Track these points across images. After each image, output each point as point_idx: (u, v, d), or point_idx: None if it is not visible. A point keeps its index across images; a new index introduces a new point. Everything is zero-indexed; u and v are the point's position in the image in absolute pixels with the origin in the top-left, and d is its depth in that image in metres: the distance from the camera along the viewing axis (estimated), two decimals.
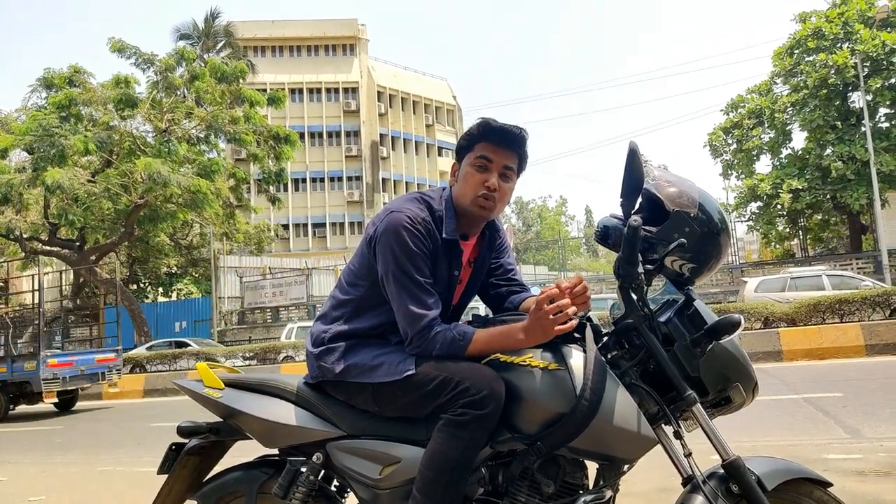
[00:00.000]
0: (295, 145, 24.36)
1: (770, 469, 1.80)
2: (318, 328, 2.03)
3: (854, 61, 24.11)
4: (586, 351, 1.80)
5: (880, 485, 3.61)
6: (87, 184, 19.50)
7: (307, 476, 1.95)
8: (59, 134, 18.73)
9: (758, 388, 1.93)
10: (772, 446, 4.72)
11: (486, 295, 2.22)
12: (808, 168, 25.88)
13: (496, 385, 1.75)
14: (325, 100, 49.02)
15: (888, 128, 25.69)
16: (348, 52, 50.48)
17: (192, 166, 21.16)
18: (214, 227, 25.44)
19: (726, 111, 29.81)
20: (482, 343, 1.84)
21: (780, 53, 27.56)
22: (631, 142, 1.83)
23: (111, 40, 21.24)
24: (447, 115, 55.26)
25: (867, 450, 4.44)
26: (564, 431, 1.72)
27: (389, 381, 1.85)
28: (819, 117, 25.34)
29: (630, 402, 1.78)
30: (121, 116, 20.73)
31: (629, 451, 1.79)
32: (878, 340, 10.05)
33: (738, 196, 28.46)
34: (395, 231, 1.87)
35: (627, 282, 1.82)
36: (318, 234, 47.99)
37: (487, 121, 1.96)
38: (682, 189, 1.89)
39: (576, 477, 1.83)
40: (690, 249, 1.82)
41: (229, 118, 21.46)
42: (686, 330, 1.85)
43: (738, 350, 1.89)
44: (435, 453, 1.76)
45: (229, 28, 39.74)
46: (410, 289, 1.85)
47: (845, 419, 5.51)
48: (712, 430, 1.77)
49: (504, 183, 1.95)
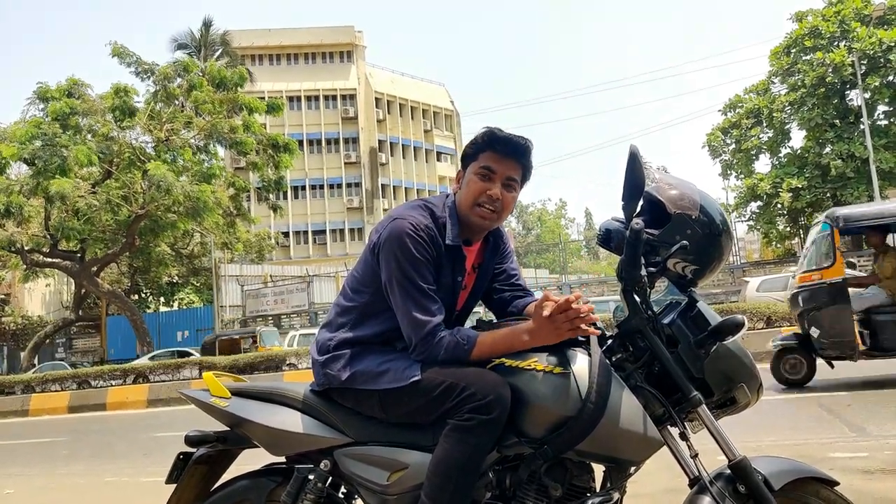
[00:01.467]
0: (294, 153, 24.39)
1: (776, 469, 1.80)
2: (324, 336, 2.04)
3: (851, 59, 24.16)
4: (591, 354, 1.81)
5: (887, 482, 3.61)
6: (88, 195, 19.53)
7: (315, 483, 1.96)
8: (60, 144, 18.75)
9: (762, 388, 1.93)
10: (777, 446, 4.72)
11: (489, 300, 2.23)
12: (807, 167, 25.90)
13: (502, 390, 1.76)
14: (323, 107, 49.12)
15: (887, 125, 25.73)
16: (345, 59, 50.61)
17: (191, 175, 21.19)
18: (215, 236, 25.48)
19: (724, 111, 29.85)
20: (486, 346, 1.85)
21: (777, 53, 27.60)
22: (631, 145, 1.84)
23: (112, 44, 21.26)
24: (445, 121, 55.36)
25: (873, 448, 4.44)
26: (571, 434, 1.73)
27: (396, 388, 1.86)
28: (817, 116, 25.37)
29: (635, 404, 1.78)
30: (120, 127, 20.76)
31: (635, 452, 1.80)
32: None
33: (738, 196, 28.47)
34: (398, 238, 1.88)
35: (630, 284, 1.83)
36: (319, 241, 48.03)
37: (493, 130, 1.96)
38: (683, 191, 1.90)
39: (583, 480, 1.84)
40: (692, 251, 1.83)
41: (228, 127, 21.48)
42: (690, 331, 1.86)
43: (742, 351, 1.90)
44: (442, 459, 1.76)
45: (226, 37, 39.80)
46: (414, 295, 1.86)
47: (850, 417, 5.51)
48: (718, 431, 1.78)
49: (507, 193, 1.95)
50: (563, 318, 1.77)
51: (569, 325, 1.78)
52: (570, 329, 1.79)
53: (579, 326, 1.79)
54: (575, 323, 1.78)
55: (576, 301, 1.79)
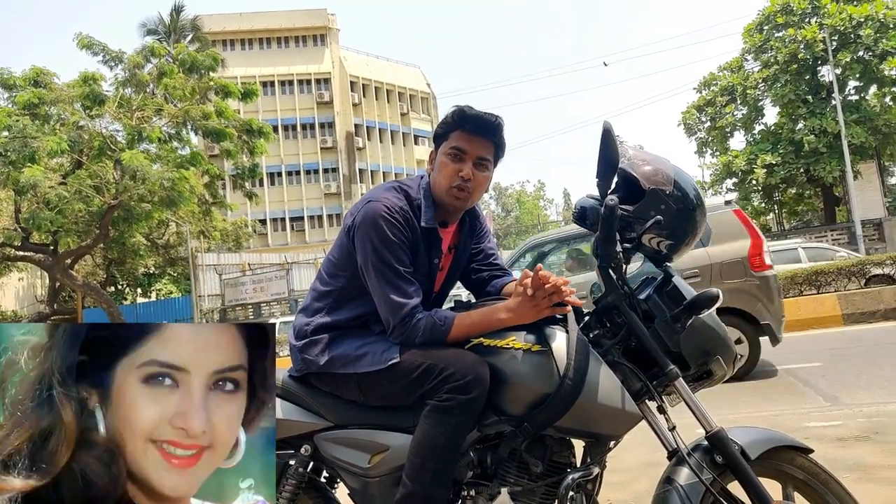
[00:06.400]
0: (269, 137, 24.07)
1: (752, 438, 1.83)
2: (301, 321, 2.03)
3: (822, 35, 24.37)
4: (568, 331, 1.82)
5: (860, 449, 3.69)
6: (59, 186, 19.16)
7: (296, 469, 1.96)
8: (30, 135, 18.34)
9: (738, 361, 1.96)
10: (754, 417, 4.81)
11: (467, 280, 2.23)
12: (781, 143, 26.18)
13: (480, 369, 1.76)
14: (297, 92, 48.53)
15: (858, 100, 26.04)
16: (319, 42, 49.98)
17: (165, 163, 20.85)
18: (191, 224, 25.15)
19: (699, 89, 30.00)
20: (464, 326, 1.85)
21: (749, 30, 27.75)
22: (605, 122, 1.84)
23: (78, 36, 20.76)
24: (422, 103, 55.03)
25: (846, 416, 4.54)
26: (550, 411, 1.74)
27: (374, 371, 1.85)
28: (790, 92, 25.61)
29: (613, 380, 1.80)
30: (89, 115, 20.34)
31: (614, 427, 1.82)
32: (854, 310, 10.23)
33: (714, 173, 28.74)
34: (373, 221, 1.86)
35: (606, 261, 1.84)
36: (297, 227, 47.68)
37: (462, 109, 1.95)
38: (657, 167, 1.90)
39: (563, 456, 1.86)
40: (667, 226, 1.84)
41: (201, 113, 21.13)
42: (666, 306, 1.87)
43: (718, 324, 1.92)
44: (422, 439, 1.76)
45: (196, 22, 39.05)
46: (390, 278, 1.86)
47: (824, 388, 5.62)
48: (695, 404, 1.80)
49: (479, 172, 1.94)
50: (541, 294, 1.78)
51: (547, 302, 1.79)
52: (549, 306, 1.80)
53: (558, 303, 1.80)
54: (553, 298, 1.79)
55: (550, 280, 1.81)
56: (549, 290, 1.79)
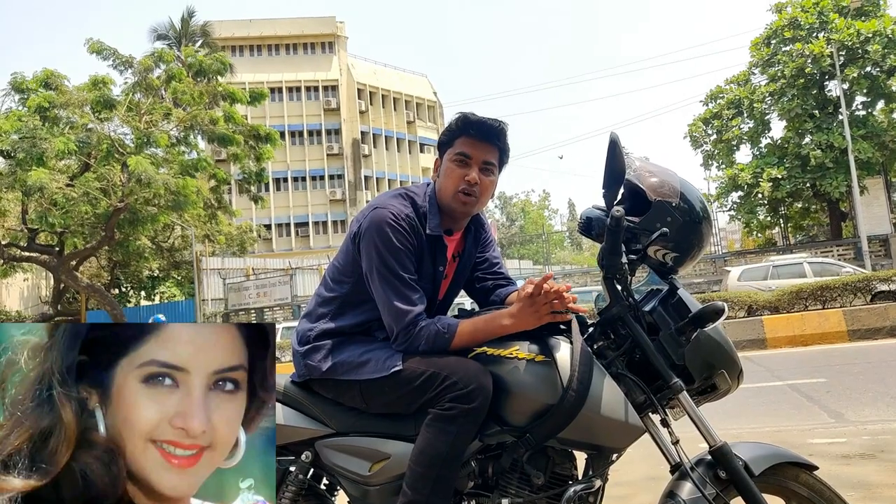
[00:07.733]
0: (276, 143, 24.16)
1: (757, 454, 1.81)
2: (304, 326, 2.02)
3: (830, 50, 24.36)
4: (572, 342, 1.81)
5: (865, 467, 3.66)
6: (66, 188, 19.25)
7: (296, 475, 1.94)
8: (40, 136, 18.45)
9: (743, 375, 1.94)
10: (758, 432, 4.78)
11: (471, 289, 2.22)
12: (787, 157, 26.13)
13: (483, 378, 1.75)
14: (304, 98, 48.72)
15: (865, 115, 25.99)
16: (327, 49, 50.20)
17: (171, 167, 20.93)
18: (196, 228, 25.21)
19: (706, 102, 30.00)
20: (467, 334, 1.84)
21: (757, 44, 27.78)
22: (612, 133, 1.83)
23: (89, 41, 20.92)
24: (428, 112, 55.17)
25: (851, 433, 4.50)
26: (553, 422, 1.73)
27: (377, 378, 1.84)
28: (797, 106, 25.58)
29: (617, 392, 1.79)
30: (98, 119, 20.45)
31: (617, 440, 1.80)
32: (859, 326, 10.18)
33: (720, 186, 28.68)
34: (378, 227, 1.86)
35: (611, 272, 1.83)
36: (301, 233, 47.75)
37: (466, 115, 1.95)
38: (663, 179, 1.90)
39: (565, 468, 1.84)
40: (673, 238, 1.83)
41: (209, 119, 21.22)
42: (671, 318, 1.86)
43: (723, 337, 1.90)
44: (424, 448, 1.75)
45: (206, 28, 39.28)
46: (395, 285, 1.85)
47: (829, 404, 5.59)
48: (699, 417, 1.79)
49: (485, 177, 1.94)
50: (542, 300, 1.77)
51: (548, 308, 1.78)
52: (550, 312, 1.79)
53: (559, 309, 1.79)
54: (555, 305, 1.78)
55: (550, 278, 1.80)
56: (550, 296, 1.78)
